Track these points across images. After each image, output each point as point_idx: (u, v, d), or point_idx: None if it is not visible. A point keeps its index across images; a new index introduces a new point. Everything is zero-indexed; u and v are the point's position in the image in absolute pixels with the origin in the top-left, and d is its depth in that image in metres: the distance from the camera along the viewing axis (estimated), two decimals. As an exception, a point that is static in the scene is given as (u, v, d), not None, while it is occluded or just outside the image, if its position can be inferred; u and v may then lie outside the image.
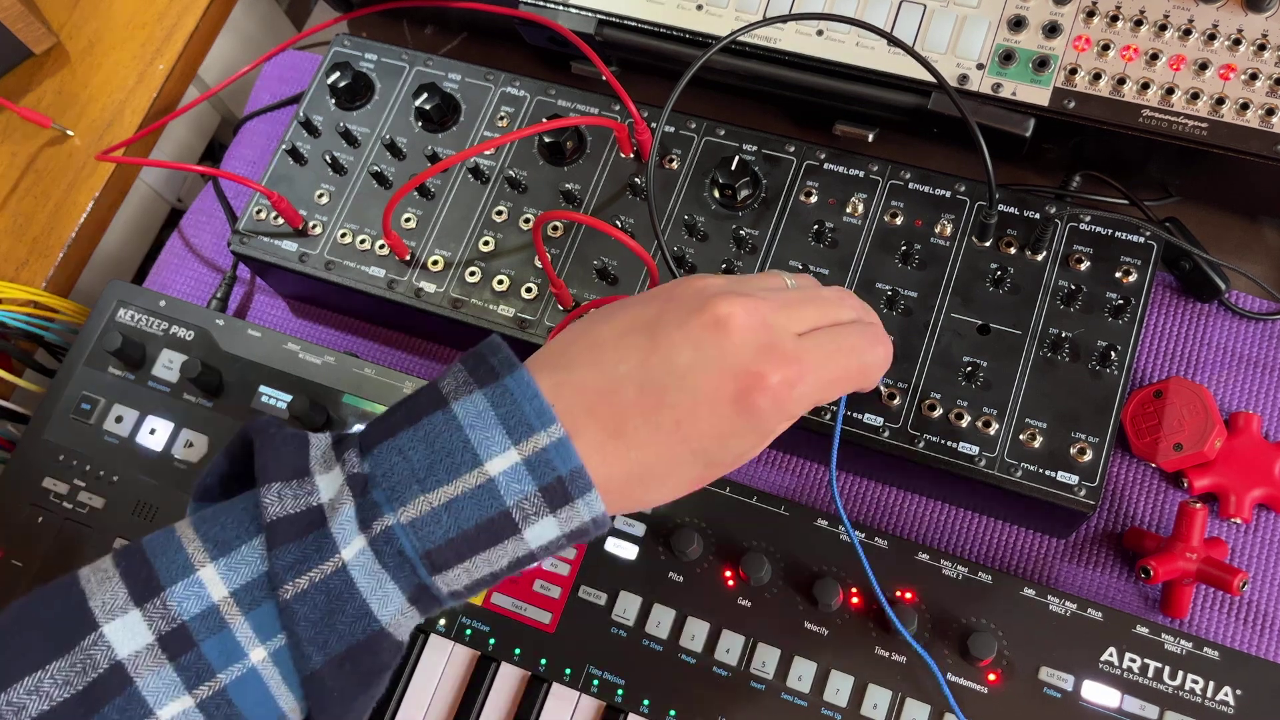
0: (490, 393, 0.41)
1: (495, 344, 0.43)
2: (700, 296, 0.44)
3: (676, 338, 0.43)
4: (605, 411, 0.42)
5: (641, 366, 0.43)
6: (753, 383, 0.43)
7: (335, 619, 0.40)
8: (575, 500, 0.41)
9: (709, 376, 0.43)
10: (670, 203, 0.70)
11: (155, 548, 0.41)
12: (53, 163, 0.87)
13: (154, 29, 0.89)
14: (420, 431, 0.41)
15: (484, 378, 0.41)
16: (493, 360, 0.42)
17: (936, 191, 0.67)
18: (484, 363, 0.42)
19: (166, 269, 0.87)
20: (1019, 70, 0.67)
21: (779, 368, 0.43)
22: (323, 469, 0.41)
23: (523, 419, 0.40)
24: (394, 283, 0.71)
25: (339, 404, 0.69)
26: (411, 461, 0.40)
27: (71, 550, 0.69)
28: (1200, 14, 0.64)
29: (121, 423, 0.71)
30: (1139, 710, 0.56)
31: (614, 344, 0.44)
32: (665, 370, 0.43)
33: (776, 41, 0.71)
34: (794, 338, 0.45)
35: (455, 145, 0.75)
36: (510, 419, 0.40)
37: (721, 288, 0.45)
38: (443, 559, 0.40)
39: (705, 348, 0.43)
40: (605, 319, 0.45)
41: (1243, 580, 0.60)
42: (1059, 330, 0.63)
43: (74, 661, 0.39)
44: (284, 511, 0.40)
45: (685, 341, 0.43)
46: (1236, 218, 0.73)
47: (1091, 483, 0.60)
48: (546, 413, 0.41)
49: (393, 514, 0.40)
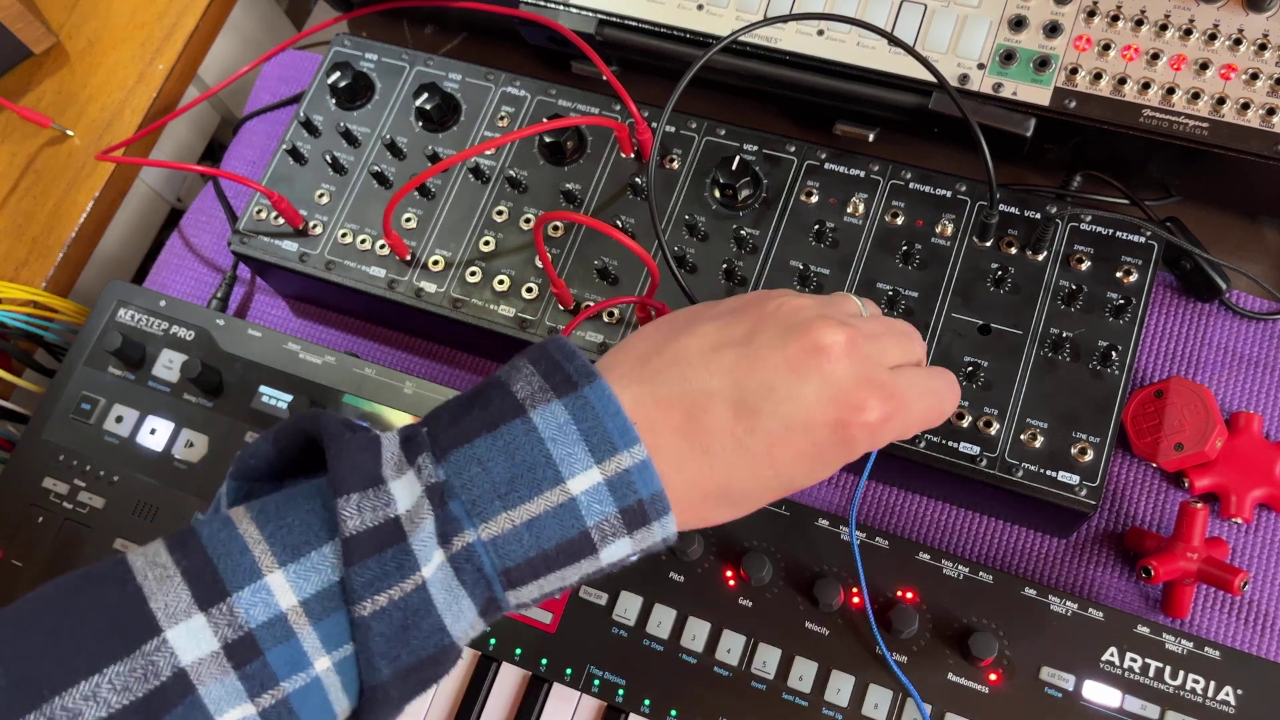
0: (570, 404, 0.40)
1: (566, 347, 0.42)
2: (797, 318, 0.44)
3: (774, 360, 0.42)
4: (692, 429, 0.41)
5: (736, 386, 0.42)
6: (852, 414, 0.42)
7: (409, 634, 0.39)
8: (652, 522, 0.40)
9: (808, 404, 0.42)
10: (671, 203, 0.70)
11: (217, 545, 0.39)
12: (52, 162, 0.87)
13: (154, 29, 0.89)
14: (500, 441, 0.40)
15: (561, 385, 0.40)
16: (568, 367, 0.41)
17: (937, 191, 0.67)
18: (558, 368, 0.41)
19: (166, 269, 0.87)
20: (1020, 70, 0.67)
21: (878, 401, 0.43)
22: (396, 473, 0.39)
23: (605, 436, 0.40)
24: (394, 283, 0.71)
25: (339, 404, 0.69)
26: (492, 474, 0.39)
27: (71, 550, 0.69)
28: (1201, 14, 0.64)
29: (121, 423, 0.71)
30: (1140, 710, 0.56)
31: (703, 359, 0.43)
32: (762, 393, 0.42)
33: (777, 41, 0.71)
34: (888, 371, 0.44)
35: (456, 145, 0.74)
36: (593, 435, 0.39)
37: (817, 311, 0.44)
38: (520, 576, 0.40)
39: (806, 374, 0.42)
40: (688, 330, 0.44)
41: (1243, 580, 0.60)
42: (1060, 330, 0.63)
43: (134, 666, 0.37)
44: (362, 525, 0.38)
45: (784, 365, 0.42)
46: (1236, 218, 0.73)
47: (1092, 483, 0.60)
48: (629, 431, 0.40)
49: (473, 530, 0.39)
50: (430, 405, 0.68)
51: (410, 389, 0.69)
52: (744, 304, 0.46)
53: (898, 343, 0.47)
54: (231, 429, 0.70)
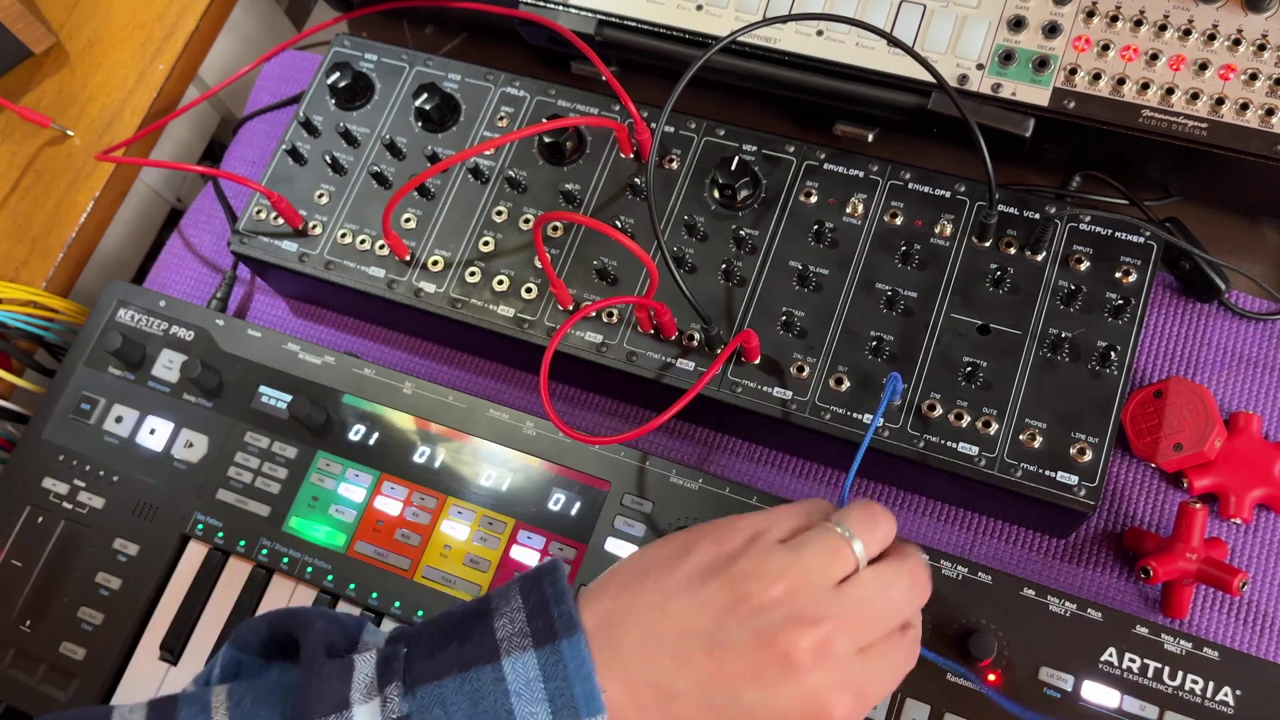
0: (544, 658, 0.41)
1: (558, 585, 0.42)
2: (761, 620, 0.42)
3: (739, 668, 0.42)
4: (657, 715, 0.41)
5: (699, 688, 0.42)
6: (819, 718, 0.42)
7: None
8: None
9: (774, 713, 0.42)
10: (670, 203, 0.70)
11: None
12: (52, 162, 0.87)
13: (154, 29, 0.89)
14: (468, 685, 0.40)
15: (541, 633, 0.41)
16: (554, 611, 0.42)
17: (936, 191, 0.67)
18: (544, 610, 0.42)
19: (166, 269, 0.87)
20: (1019, 70, 0.67)
21: (847, 704, 0.43)
22: (364, 699, 0.41)
23: (570, 701, 0.40)
24: (394, 283, 0.71)
25: (339, 404, 0.69)
26: (452, 718, 0.40)
27: (71, 550, 0.69)
28: (1200, 14, 0.64)
29: (121, 423, 0.71)
30: (1139, 710, 0.56)
31: (671, 645, 0.42)
32: (728, 699, 0.42)
33: (776, 42, 0.71)
34: (859, 664, 0.44)
35: (455, 145, 0.75)
36: (558, 697, 0.40)
37: (788, 608, 0.42)
38: None
39: (771, 687, 0.42)
40: (658, 604, 0.43)
41: (1242, 580, 0.60)
42: (1059, 330, 0.63)
43: None
44: None
45: (749, 675, 0.42)
46: (1236, 218, 0.73)
47: (1091, 483, 0.60)
48: (595, 700, 0.40)
49: None
50: (430, 405, 0.68)
51: (410, 389, 0.69)
52: (716, 562, 0.44)
53: (881, 618, 0.45)
54: (231, 429, 0.70)
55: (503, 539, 0.65)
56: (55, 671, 0.66)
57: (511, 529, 0.65)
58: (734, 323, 0.67)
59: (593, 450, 0.66)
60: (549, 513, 0.65)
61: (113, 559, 0.68)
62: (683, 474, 0.64)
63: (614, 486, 0.65)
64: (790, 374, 0.65)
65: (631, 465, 0.65)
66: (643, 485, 0.64)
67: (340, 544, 0.66)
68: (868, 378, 0.64)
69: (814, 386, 0.64)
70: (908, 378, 0.63)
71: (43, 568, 0.69)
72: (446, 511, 0.66)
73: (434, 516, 0.66)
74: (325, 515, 0.67)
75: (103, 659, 0.66)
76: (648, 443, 0.74)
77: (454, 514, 0.66)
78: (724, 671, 0.42)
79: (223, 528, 0.68)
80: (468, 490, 0.66)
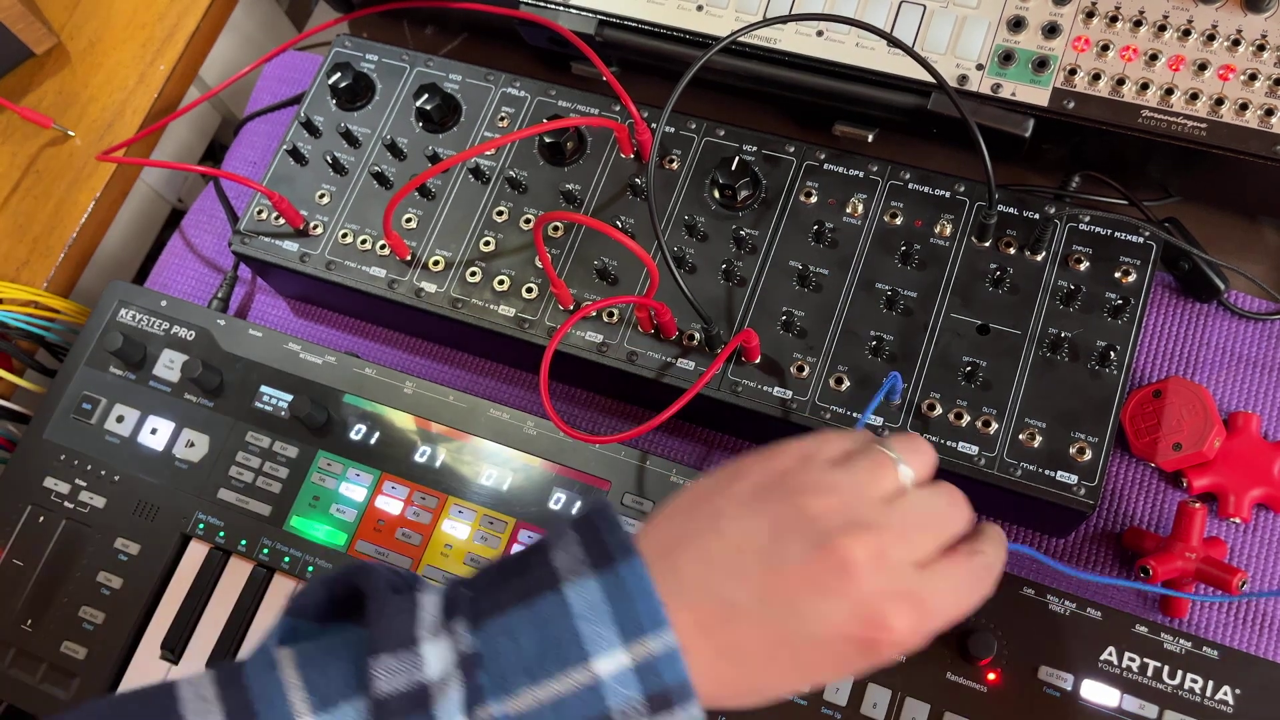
0: (604, 581, 0.41)
1: (610, 517, 0.42)
2: (822, 525, 0.43)
3: (796, 578, 0.42)
4: (720, 634, 0.42)
5: (760, 602, 0.42)
6: (879, 630, 0.42)
7: None
8: (675, 708, 0.40)
9: (833, 623, 0.42)
10: (670, 203, 0.70)
11: (259, 686, 0.41)
12: (53, 163, 0.87)
13: (154, 29, 0.89)
14: (532, 613, 0.41)
15: (599, 559, 0.41)
16: (608, 539, 0.42)
17: (936, 192, 0.67)
18: (598, 539, 0.42)
19: (167, 269, 0.87)
20: (1018, 71, 0.67)
21: (906, 615, 0.42)
22: (431, 636, 0.41)
23: (635, 618, 0.40)
24: (395, 283, 0.71)
25: (340, 404, 0.69)
26: (521, 647, 0.40)
27: (73, 550, 0.69)
28: (1199, 14, 0.64)
29: (123, 422, 0.71)
30: (1138, 709, 0.56)
31: (727, 564, 0.43)
32: (787, 611, 0.42)
33: (776, 42, 0.71)
34: (917, 575, 0.43)
35: (456, 146, 0.75)
36: (623, 616, 0.40)
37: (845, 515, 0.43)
38: None
39: (830, 594, 0.42)
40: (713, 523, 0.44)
41: (1242, 580, 0.60)
42: (1058, 330, 0.63)
43: None
44: (392, 688, 0.40)
45: (807, 584, 0.42)
46: (1236, 218, 0.73)
47: (1091, 482, 0.60)
48: (659, 614, 0.40)
49: (499, 704, 0.40)
50: (431, 405, 0.68)
51: (410, 389, 0.69)
52: (770, 480, 0.45)
53: (936, 528, 0.45)
54: (232, 429, 0.70)
55: (504, 538, 0.65)
56: (56, 671, 0.67)
57: (512, 528, 0.65)
58: (734, 322, 0.67)
59: (593, 450, 0.66)
60: (550, 512, 0.65)
61: (114, 558, 0.68)
62: (683, 473, 0.64)
63: (614, 486, 0.65)
64: (790, 374, 0.65)
65: (631, 465, 0.65)
66: (643, 485, 0.65)
67: (341, 543, 0.66)
68: (868, 377, 0.64)
69: (814, 386, 0.64)
70: (907, 377, 0.63)
71: (44, 567, 0.69)
72: (447, 511, 0.66)
73: (435, 516, 0.66)
74: (326, 515, 0.67)
75: (104, 658, 0.66)
76: (648, 442, 0.74)
77: (455, 513, 0.66)
78: (782, 584, 0.42)
79: (224, 527, 0.68)
80: (468, 490, 0.66)
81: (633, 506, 0.64)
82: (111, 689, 0.66)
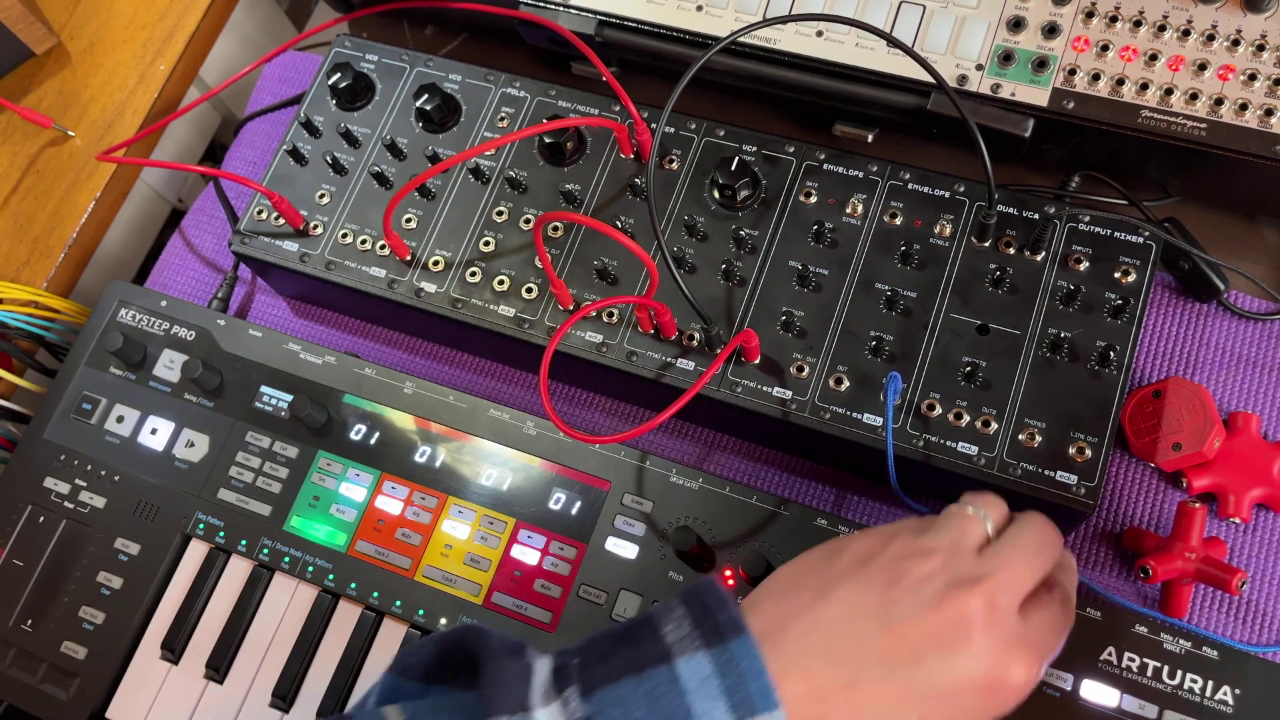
0: (716, 657, 0.41)
1: (719, 594, 0.43)
2: (930, 589, 0.44)
3: (919, 637, 0.43)
4: (839, 699, 0.42)
5: (882, 664, 0.43)
6: (1000, 683, 0.43)
7: None
8: None
9: (956, 677, 0.43)
10: (670, 203, 0.70)
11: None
12: (54, 163, 0.87)
13: (155, 29, 0.89)
14: (644, 686, 0.41)
15: (709, 635, 0.42)
16: (719, 616, 0.42)
17: (936, 192, 0.67)
18: (708, 616, 0.42)
19: (167, 269, 0.87)
20: (1018, 71, 0.67)
21: (1024, 664, 0.44)
22: (543, 702, 0.42)
23: (747, 697, 0.40)
24: (394, 283, 0.72)
25: (340, 404, 0.69)
26: (633, 717, 0.41)
27: (73, 550, 0.69)
28: (1199, 14, 0.64)
29: (123, 423, 0.71)
30: (1138, 709, 0.57)
31: (844, 630, 0.43)
32: (911, 668, 0.43)
33: (776, 42, 0.71)
34: (1022, 622, 0.45)
35: (456, 146, 0.75)
36: (735, 694, 0.41)
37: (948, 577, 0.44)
38: None
39: (952, 650, 0.43)
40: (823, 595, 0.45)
41: (1241, 580, 0.60)
42: (1058, 330, 0.63)
43: None
44: None
45: (929, 641, 0.43)
46: (1236, 218, 0.73)
47: (1090, 482, 0.60)
48: (770, 695, 0.41)
49: None
50: (430, 405, 0.68)
51: (410, 389, 0.69)
52: (868, 553, 0.46)
53: (1033, 565, 0.47)
54: (232, 429, 0.70)
55: (503, 538, 0.65)
56: (56, 671, 0.67)
57: (512, 528, 0.65)
58: (734, 322, 0.67)
59: (593, 450, 0.66)
60: (549, 512, 0.65)
61: (114, 558, 0.68)
62: (683, 473, 0.64)
63: (614, 486, 0.65)
64: (790, 374, 0.65)
65: (631, 465, 0.65)
66: (642, 485, 0.65)
67: (341, 543, 0.66)
68: (867, 377, 0.64)
69: (814, 386, 0.64)
70: (907, 377, 0.63)
71: (44, 567, 0.69)
72: (447, 511, 0.66)
73: (435, 516, 0.66)
74: (326, 515, 0.67)
75: (104, 658, 0.66)
76: (648, 442, 0.74)
77: (455, 513, 0.66)
78: (903, 643, 0.43)
79: (224, 527, 0.68)
80: (468, 490, 0.66)
81: (633, 507, 0.64)
82: (111, 689, 0.66)
